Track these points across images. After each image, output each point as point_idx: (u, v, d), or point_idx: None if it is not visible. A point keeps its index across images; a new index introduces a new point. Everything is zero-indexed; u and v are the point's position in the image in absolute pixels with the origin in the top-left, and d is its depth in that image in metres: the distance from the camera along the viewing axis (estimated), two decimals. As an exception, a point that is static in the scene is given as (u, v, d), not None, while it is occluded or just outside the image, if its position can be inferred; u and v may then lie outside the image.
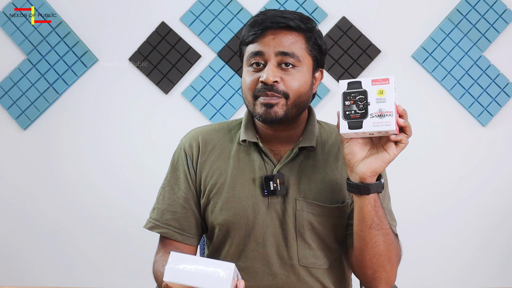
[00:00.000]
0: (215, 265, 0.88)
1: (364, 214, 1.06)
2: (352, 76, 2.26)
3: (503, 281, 2.27)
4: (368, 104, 0.98)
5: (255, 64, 1.13)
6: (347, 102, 1.00)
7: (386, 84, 0.98)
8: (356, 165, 1.03)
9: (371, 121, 0.97)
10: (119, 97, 2.29)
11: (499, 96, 2.26)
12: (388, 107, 0.97)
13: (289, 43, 1.12)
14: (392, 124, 0.96)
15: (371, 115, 0.97)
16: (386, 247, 1.08)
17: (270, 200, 1.16)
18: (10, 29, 2.27)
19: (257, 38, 1.13)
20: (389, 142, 1.00)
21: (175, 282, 0.87)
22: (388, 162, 1.01)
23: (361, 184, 1.03)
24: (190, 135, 1.26)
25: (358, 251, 1.11)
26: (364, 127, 0.98)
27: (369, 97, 0.98)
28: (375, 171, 1.02)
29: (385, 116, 0.97)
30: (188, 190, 1.21)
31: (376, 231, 1.06)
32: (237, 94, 2.28)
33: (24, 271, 2.30)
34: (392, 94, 0.97)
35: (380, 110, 0.97)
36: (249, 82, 1.13)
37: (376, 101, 0.98)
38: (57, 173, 2.29)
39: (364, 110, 0.98)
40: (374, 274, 1.11)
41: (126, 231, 2.27)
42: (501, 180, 2.28)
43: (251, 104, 1.14)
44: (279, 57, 1.11)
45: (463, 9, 2.27)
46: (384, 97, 0.97)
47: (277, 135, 1.19)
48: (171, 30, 2.28)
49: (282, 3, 2.28)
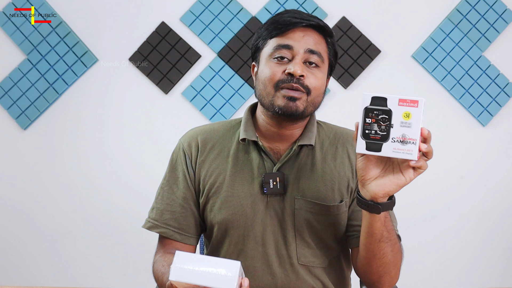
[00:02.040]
0: (220, 264, 0.88)
1: (373, 229, 1.03)
2: (352, 76, 2.26)
3: (503, 281, 2.26)
4: (391, 126, 0.88)
5: (279, 57, 1.13)
6: (368, 120, 0.90)
7: (415, 107, 0.87)
8: (369, 183, 0.97)
9: (391, 146, 0.89)
10: (119, 97, 2.29)
11: (499, 96, 2.26)
12: (413, 134, 0.87)
13: (316, 42, 1.14)
14: (414, 154, 0.87)
15: (393, 139, 0.88)
16: (393, 256, 1.08)
17: (269, 198, 1.16)
18: (10, 29, 2.27)
19: (286, 32, 1.13)
20: (407, 165, 0.93)
21: (181, 281, 0.87)
22: (402, 186, 0.95)
23: (372, 202, 0.98)
24: (189, 134, 1.26)
25: (365, 260, 1.10)
26: (383, 151, 0.90)
27: (393, 118, 0.88)
28: (387, 193, 0.97)
29: (408, 144, 0.87)
30: (187, 189, 1.21)
31: (385, 244, 1.05)
32: (237, 94, 2.27)
33: (24, 271, 2.30)
34: (419, 119, 0.87)
35: (403, 136, 0.88)
36: (271, 73, 1.12)
37: (401, 125, 0.88)
38: (57, 173, 2.29)
39: (386, 133, 0.89)
40: (379, 279, 1.12)
41: (126, 231, 2.27)
42: (501, 180, 2.28)
43: (270, 95, 1.12)
44: (306, 54, 1.12)
45: (463, 9, 2.26)
46: (410, 122, 0.87)
47: (280, 132, 1.18)
48: (171, 30, 2.28)
49: (282, 3, 2.27)
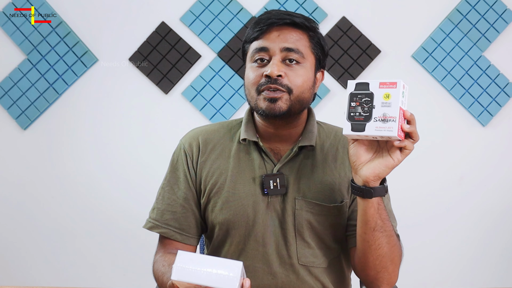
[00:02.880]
0: (222, 264, 0.88)
1: (367, 216, 1.05)
2: (352, 76, 2.26)
3: (503, 281, 2.26)
4: (373, 107, 0.95)
5: (259, 60, 1.13)
6: (353, 103, 0.97)
7: (393, 88, 0.94)
8: (360, 168, 1.02)
9: (374, 125, 0.95)
10: (119, 97, 2.29)
11: (499, 96, 2.26)
12: (392, 112, 0.94)
13: (293, 39, 1.13)
14: (394, 130, 0.93)
15: (375, 118, 0.95)
16: (389, 248, 1.08)
17: (269, 199, 1.16)
18: (10, 29, 2.27)
19: (262, 34, 1.14)
20: (394, 147, 0.99)
21: (183, 281, 0.87)
22: (392, 168, 1.00)
23: (364, 187, 1.03)
24: (189, 135, 1.26)
25: (361, 252, 1.11)
26: (366, 130, 0.96)
27: (375, 100, 0.95)
28: (378, 176, 1.01)
29: (388, 121, 0.94)
30: (188, 190, 1.21)
31: (380, 233, 1.06)
32: (237, 94, 2.27)
33: (24, 271, 2.30)
34: (398, 99, 0.94)
35: (384, 115, 0.94)
36: (253, 77, 1.13)
37: (381, 105, 0.95)
38: (57, 173, 2.29)
39: (369, 113, 0.95)
40: (376, 275, 1.11)
41: (126, 231, 2.27)
42: (501, 180, 2.28)
43: (254, 99, 1.13)
44: (284, 53, 1.12)
45: (463, 9, 2.27)
46: (389, 102, 0.94)
47: (277, 133, 1.19)
48: (171, 30, 2.28)
49: (282, 3, 2.28)
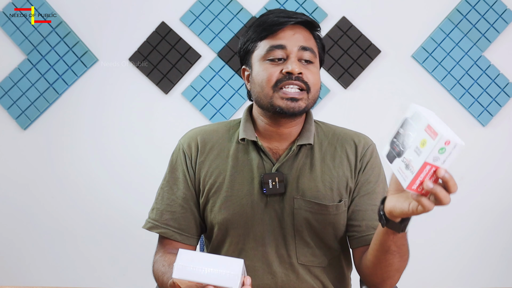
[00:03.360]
0: (223, 262, 0.88)
1: (381, 240, 1.02)
2: (352, 76, 2.26)
3: (503, 281, 2.26)
4: (409, 147, 0.85)
5: (273, 58, 1.12)
6: (401, 130, 0.88)
7: (432, 138, 0.81)
8: (388, 195, 0.95)
9: (398, 164, 0.86)
10: (119, 97, 2.29)
11: (499, 96, 2.26)
12: (417, 163, 0.82)
13: (306, 38, 1.14)
14: (407, 182, 0.83)
15: (404, 159, 0.85)
16: (399, 264, 1.07)
17: (268, 198, 1.16)
18: (10, 29, 2.27)
19: (276, 32, 1.13)
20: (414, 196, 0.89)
21: (184, 279, 0.87)
22: (404, 212, 0.90)
23: (382, 214, 0.97)
24: (188, 135, 1.26)
25: (371, 263, 1.09)
26: (393, 164, 0.88)
27: (414, 140, 0.85)
28: (391, 213, 0.93)
29: (408, 169, 0.83)
30: (187, 190, 1.21)
31: (392, 256, 1.04)
32: (237, 94, 2.27)
33: (24, 271, 2.30)
34: (429, 153, 0.80)
35: (410, 160, 0.83)
36: (268, 74, 1.12)
37: (415, 149, 0.83)
38: (57, 173, 2.29)
39: (403, 150, 0.86)
40: (382, 282, 1.12)
41: (126, 231, 2.27)
42: (501, 180, 2.28)
43: (268, 97, 1.12)
44: (300, 52, 1.12)
45: (463, 9, 2.26)
46: (422, 150, 0.82)
47: (278, 131, 1.18)
48: (171, 30, 2.28)
49: (282, 3, 2.27)
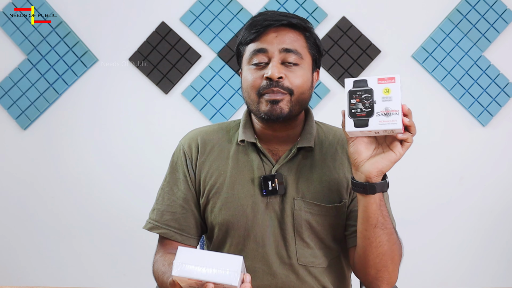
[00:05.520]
0: (223, 259, 0.88)
1: (369, 213, 1.05)
2: (352, 76, 2.26)
3: (503, 281, 2.26)
4: (374, 102, 0.98)
5: (257, 62, 1.13)
6: (353, 101, 0.99)
7: (392, 83, 0.97)
8: (362, 165, 1.02)
9: (377, 119, 0.97)
10: (119, 97, 2.29)
11: (499, 96, 2.26)
12: (395, 105, 0.97)
13: (291, 40, 1.13)
14: (399, 123, 0.96)
15: (377, 113, 0.97)
16: (389, 247, 1.08)
17: (268, 199, 1.17)
18: (10, 29, 2.27)
19: (259, 36, 1.13)
20: (395, 142, 1.00)
21: (183, 277, 0.87)
22: (394, 162, 1.01)
23: (367, 183, 1.03)
24: (189, 136, 1.26)
25: (362, 250, 1.10)
26: (370, 125, 0.98)
27: (375, 95, 0.98)
28: (381, 171, 1.02)
29: (391, 115, 0.97)
30: (187, 190, 1.21)
31: (381, 230, 1.06)
32: (237, 94, 2.28)
33: (24, 271, 2.30)
34: (398, 93, 0.97)
35: (386, 109, 0.97)
36: (252, 79, 1.13)
37: (382, 100, 0.97)
38: (57, 173, 2.29)
39: (370, 109, 0.98)
40: (376, 274, 1.11)
41: (126, 231, 2.27)
42: (501, 180, 2.28)
43: (254, 102, 1.13)
44: (282, 54, 1.12)
45: (463, 9, 2.26)
46: (390, 96, 0.97)
47: (276, 135, 1.19)
48: (171, 30, 2.28)
49: (282, 3, 2.28)
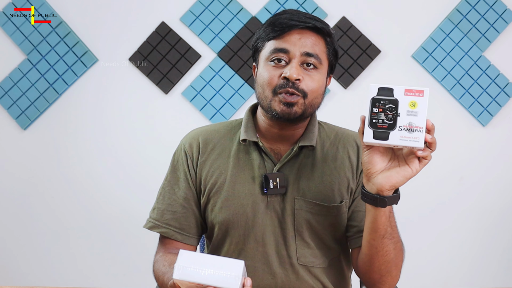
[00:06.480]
0: (224, 263, 0.88)
1: (378, 224, 1.04)
2: (352, 76, 2.26)
3: (503, 282, 2.26)
4: (398, 115, 0.91)
5: (276, 60, 1.13)
6: (375, 109, 0.93)
7: (420, 96, 0.91)
8: (375, 176, 0.99)
9: (398, 134, 0.91)
10: (119, 97, 2.29)
11: (499, 96, 2.26)
12: (420, 122, 0.90)
13: (313, 44, 1.14)
14: (421, 141, 0.90)
15: (400, 127, 0.91)
16: (395, 254, 1.08)
17: (269, 198, 1.16)
18: (10, 29, 2.27)
19: (282, 34, 1.13)
20: (412, 157, 0.95)
21: (184, 280, 0.87)
22: (409, 178, 0.96)
23: (378, 196, 0.99)
24: (190, 135, 1.26)
25: (367, 257, 1.10)
26: (390, 139, 0.92)
27: (400, 107, 0.91)
28: (394, 186, 0.98)
29: (415, 131, 0.90)
30: (188, 190, 1.21)
31: (388, 240, 1.06)
32: (237, 94, 2.27)
33: (24, 271, 2.30)
34: (425, 108, 0.90)
35: (410, 124, 0.91)
36: (269, 77, 1.12)
37: (407, 114, 0.91)
38: (57, 173, 2.29)
39: (393, 121, 0.91)
40: (380, 278, 1.12)
41: (126, 231, 2.27)
42: (500, 180, 2.28)
43: (268, 99, 1.12)
44: (303, 57, 1.12)
45: (463, 9, 2.27)
46: (416, 111, 0.91)
47: (281, 133, 1.18)
48: (171, 30, 2.28)
49: (282, 3, 2.27)
